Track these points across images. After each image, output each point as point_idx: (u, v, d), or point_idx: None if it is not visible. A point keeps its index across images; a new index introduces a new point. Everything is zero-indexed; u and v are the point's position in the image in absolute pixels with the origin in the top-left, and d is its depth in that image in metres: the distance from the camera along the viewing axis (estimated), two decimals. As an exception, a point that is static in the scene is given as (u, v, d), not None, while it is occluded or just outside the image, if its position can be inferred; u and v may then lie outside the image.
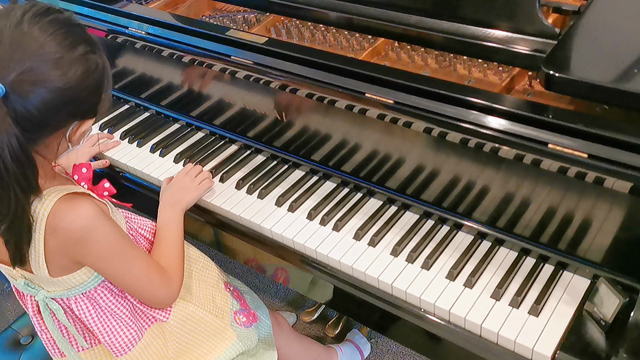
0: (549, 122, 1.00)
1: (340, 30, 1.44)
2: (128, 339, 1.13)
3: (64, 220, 0.96)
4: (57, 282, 1.04)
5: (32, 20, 0.87)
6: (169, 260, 1.15)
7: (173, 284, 1.14)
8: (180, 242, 1.21)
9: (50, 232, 0.96)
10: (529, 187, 1.07)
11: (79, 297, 1.07)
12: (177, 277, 1.15)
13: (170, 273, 1.13)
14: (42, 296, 1.07)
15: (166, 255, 1.16)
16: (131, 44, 1.53)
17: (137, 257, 1.07)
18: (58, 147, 0.98)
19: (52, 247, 0.98)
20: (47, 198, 0.96)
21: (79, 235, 0.98)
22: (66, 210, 0.96)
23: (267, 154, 1.47)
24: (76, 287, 1.06)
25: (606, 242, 1.03)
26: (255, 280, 2.11)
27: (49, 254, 0.98)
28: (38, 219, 0.95)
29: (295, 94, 1.28)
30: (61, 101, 0.89)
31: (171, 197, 1.29)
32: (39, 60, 0.86)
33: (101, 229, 1.00)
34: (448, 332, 1.09)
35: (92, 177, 1.12)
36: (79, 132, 0.98)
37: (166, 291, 1.12)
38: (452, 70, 1.29)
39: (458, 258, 1.16)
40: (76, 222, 0.97)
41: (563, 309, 1.05)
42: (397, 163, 1.23)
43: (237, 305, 1.31)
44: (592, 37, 1.08)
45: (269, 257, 1.32)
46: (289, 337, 1.49)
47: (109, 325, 1.11)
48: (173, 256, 1.17)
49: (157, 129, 1.61)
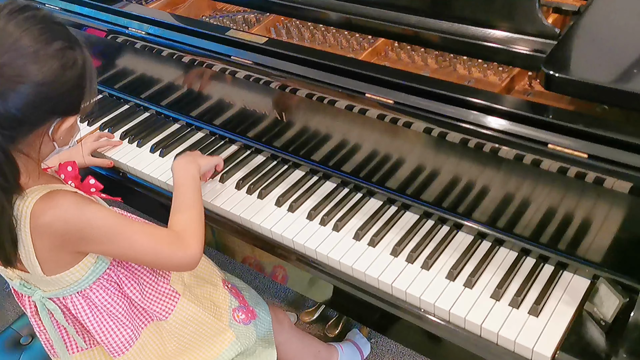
0: (549, 123, 1.00)
1: (340, 31, 1.44)
2: (125, 339, 1.13)
3: (47, 216, 0.95)
4: (51, 281, 1.03)
5: (7, 17, 0.87)
6: (184, 222, 1.14)
7: (190, 246, 1.11)
8: (196, 203, 1.19)
9: (35, 231, 0.95)
10: (529, 188, 1.07)
11: (74, 296, 1.07)
12: (194, 238, 1.12)
13: (186, 236, 1.11)
14: (39, 296, 1.06)
15: (181, 217, 1.15)
16: (131, 44, 1.53)
17: (137, 230, 1.05)
18: (40, 145, 0.96)
19: (43, 245, 0.97)
20: (29, 196, 0.95)
21: (69, 226, 0.97)
22: (47, 206, 0.95)
23: (267, 154, 1.47)
24: (71, 285, 1.05)
25: (606, 242, 1.03)
26: (255, 280, 2.11)
27: (40, 253, 0.98)
28: (22, 218, 0.94)
29: (295, 94, 1.28)
30: (39, 97, 0.88)
31: (183, 160, 1.29)
32: (14, 56, 0.85)
33: (88, 214, 0.99)
34: (448, 332, 1.09)
35: (78, 174, 1.11)
36: (62, 130, 0.96)
37: (183, 255, 1.10)
38: (452, 71, 1.29)
39: (458, 258, 1.16)
40: (61, 215, 0.96)
41: (563, 309, 1.05)
42: (397, 163, 1.23)
43: (236, 302, 1.31)
44: (592, 38, 1.08)
45: (268, 257, 1.32)
46: (289, 334, 1.49)
47: (105, 325, 1.11)
48: (189, 218, 1.15)
49: (157, 129, 1.61)
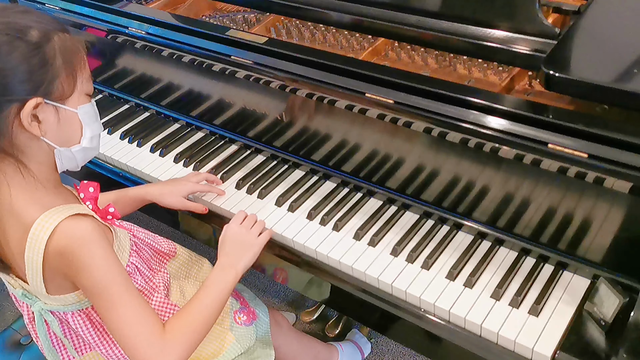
0: (549, 122, 1.00)
1: (340, 30, 1.44)
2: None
3: (62, 240, 0.92)
4: (54, 299, 1.01)
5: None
6: (182, 324, 1.01)
7: (165, 351, 0.96)
8: (210, 312, 1.05)
9: (50, 253, 0.93)
10: (529, 187, 1.07)
11: (75, 313, 1.05)
12: (177, 346, 0.98)
13: (169, 338, 0.97)
14: (39, 307, 1.04)
15: (184, 318, 1.02)
16: (131, 44, 1.53)
17: (127, 300, 0.96)
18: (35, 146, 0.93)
19: (52, 266, 0.95)
20: (51, 218, 0.92)
21: (71, 255, 0.93)
22: (67, 230, 0.93)
23: (267, 154, 1.47)
24: (73, 304, 1.03)
25: (606, 242, 1.03)
26: (255, 280, 2.11)
27: (47, 273, 0.96)
28: (39, 239, 0.92)
29: (295, 93, 1.28)
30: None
31: (226, 258, 1.15)
32: None
33: (96, 258, 0.94)
34: (448, 332, 1.09)
35: (97, 197, 1.04)
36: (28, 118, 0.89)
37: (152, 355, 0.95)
38: (452, 70, 1.29)
39: (458, 258, 1.16)
40: (72, 241, 0.93)
41: (563, 309, 1.05)
42: (397, 163, 1.23)
43: (237, 304, 1.31)
44: (592, 37, 1.08)
45: (268, 257, 1.32)
46: (288, 336, 1.49)
47: (106, 339, 1.09)
48: (189, 322, 1.02)
49: (157, 129, 1.61)
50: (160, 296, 1.14)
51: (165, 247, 1.24)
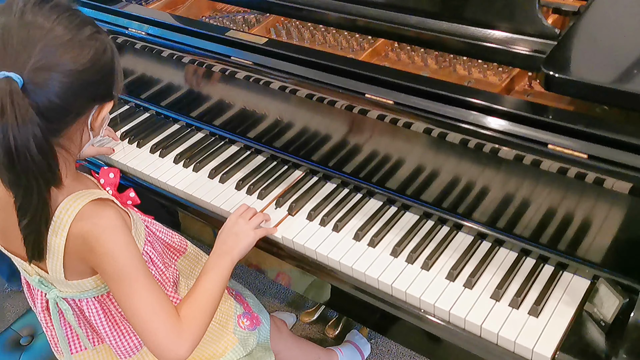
0: (549, 123, 1.00)
1: (340, 31, 1.44)
2: (134, 344, 1.12)
3: (86, 225, 0.94)
4: (71, 285, 1.03)
5: (34, 9, 0.86)
6: (192, 310, 1.04)
7: (182, 337, 0.99)
8: (214, 296, 1.08)
9: (72, 237, 0.94)
10: (529, 188, 1.07)
11: (90, 300, 1.06)
12: (192, 332, 1.01)
13: (184, 324, 1.00)
14: (54, 295, 1.06)
15: (192, 304, 1.05)
16: (131, 44, 1.53)
17: (147, 286, 0.98)
18: (81, 137, 0.96)
19: (72, 250, 0.96)
20: (75, 202, 0.94)
21: (94, 241, 0.95)
22: (91, 215, 0.95)
23: (267, 155, 1.47)
24: (89, 290, 1.05)
25: (606, 242, 1.03)
26: (256, 280, 2.11)
27: (68, 259, 0.97)
28: (62, 222, 0.94)
29: (295, 94, 1.28)
30: (79, 85, 0.88)
31: (222, 245, 1.17)
32: (49, 46, 0.85)
33: (119, 243, 0.96)
34: (448, 333, 1.09)
35: (118, 183, 1.08)
36: (100, 118, 0.96)
37: (168, 353, 0.98)
38: (452, 71, 1.29)
39: (458, 259, 1.16)
40: (96, 226, 0.95)
41: (563, 310, 1.05)
42: (397, 164, 1.23)
43: (241, 309, 1.31)
44: (592, 38, 1.08)
45: (269, 259, 1.32)
46: (287, 341, 1.49)
47: (116, 329, 1.10)
48: (198, 308, 1.05)
49: (156, 129, 1.61)
50: (170, 291, 1.16)
51: (177, 243, 1.25)
